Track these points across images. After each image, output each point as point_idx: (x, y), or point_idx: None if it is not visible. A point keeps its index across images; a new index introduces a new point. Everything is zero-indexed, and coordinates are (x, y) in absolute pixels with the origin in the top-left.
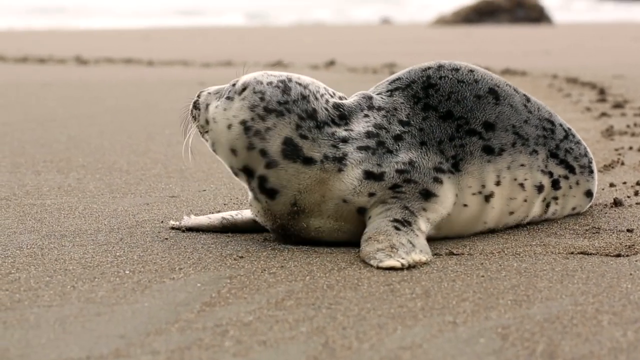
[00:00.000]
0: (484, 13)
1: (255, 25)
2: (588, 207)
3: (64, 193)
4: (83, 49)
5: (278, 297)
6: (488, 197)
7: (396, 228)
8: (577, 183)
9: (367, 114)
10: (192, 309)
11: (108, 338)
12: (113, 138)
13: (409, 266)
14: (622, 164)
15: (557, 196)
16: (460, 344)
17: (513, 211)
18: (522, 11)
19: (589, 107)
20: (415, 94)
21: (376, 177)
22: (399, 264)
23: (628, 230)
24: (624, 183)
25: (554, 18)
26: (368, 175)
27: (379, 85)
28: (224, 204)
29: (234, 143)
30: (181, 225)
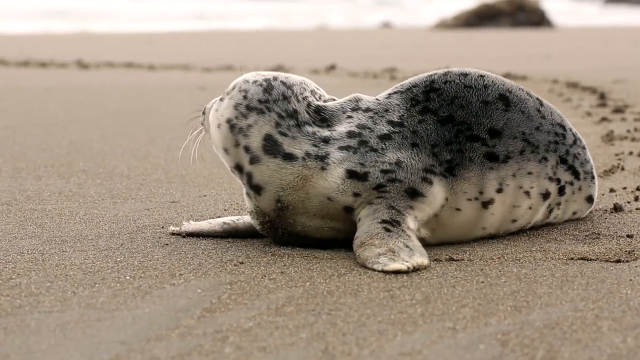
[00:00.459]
0: (485, 17)
1: (257, 29)
2: (588, 213)
3: (65, 198)
4: (85, 53)
5: (278, 303)
6: (486, 204)
7: (387, 230)
8: (580, 189)
9: (351, 115)
10: (193, 315)
11: (108, 344)
12: (114, 142)
13: (413, 269)
14: (622, 169)
15: (560, 202)
16: (459, 350)
17: (516, 219)
18: (523, 15)
19: (590, 112)
20: (414, 97)
21: (359, 177)
22: (405, 267)
23: (628, 235)
24: (624, 188)
25: (555, 22)
26: (351, 174)
27: (388, 90)
28: (225, 210)
29: (224, 142)
30: (181, 230)
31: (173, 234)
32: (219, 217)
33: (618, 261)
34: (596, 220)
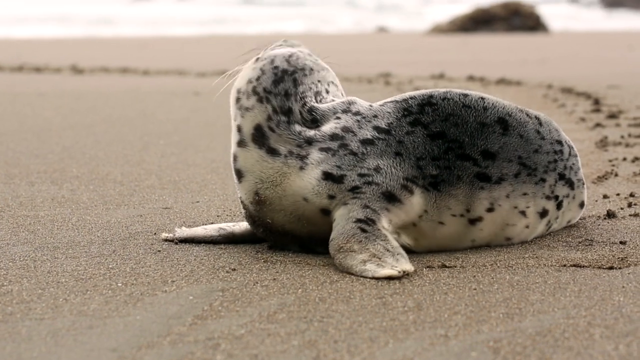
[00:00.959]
0: (480, 21)
1: (254, 34)
2: (579, 217)
3: (58, 204)
4: (80, 58)
5: (270, 310)
6: (474, 221)
7: (362, 230)
8: (574, 197)
9: (339, 117)
10: (184, 322)
11: (100, 351)
12: (108, 148)
13: (403, 274)
14: (616, 175)
15: (558, 215)
16: (451, 358)
17: (510, 237)
18: (518, 19)
19: (584, 118)
20: (407, 108)
21: (335, 179)
22: (396, 272)
23: (621, 242)
24: (618, 195)
25: (552, 26)
26: (327, 176)
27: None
28: (217, 216)
29: (231, 107)
30: (174, 237)
31: (166, 240)
32: (213, 224)
33: (611, 268)
34: (589, 226)
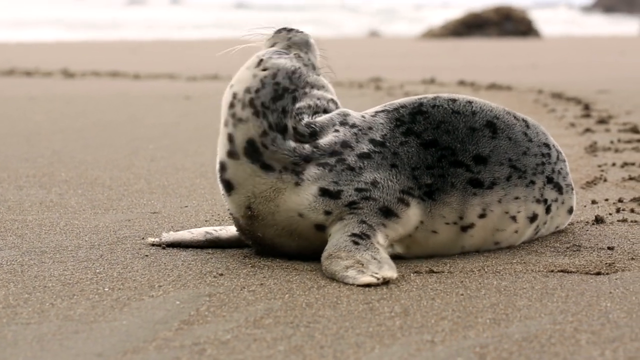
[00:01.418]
0: (472, 26)
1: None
2: (567, 223)
3: (46, 209)
4: (70, 62)
5: (257, 316)
6: (466, 228)
7: (355, 242)
8: (563, 202)
9: (338, 129)
10: (171, 327)
11: (86, 356)
12: (97, 152)
13: (383, 282)
14: (605, 181)
15: (547, 220)
16: None
17: (499, 241)
18: (510, 24)
19: (574, 123)
20: (399, 118)
21: (332, 195)
22: (376, 280)
23: (609, 248)
24: (606, 200)
25: (542, 31)
26: (323, 192)
27: (376, 107)
28: (206, 220)
29: (222, 111)
30: (161, 241)
31: (153, 245)
32: (200, 227)
33: (598, 274)
34: (577, 232)
